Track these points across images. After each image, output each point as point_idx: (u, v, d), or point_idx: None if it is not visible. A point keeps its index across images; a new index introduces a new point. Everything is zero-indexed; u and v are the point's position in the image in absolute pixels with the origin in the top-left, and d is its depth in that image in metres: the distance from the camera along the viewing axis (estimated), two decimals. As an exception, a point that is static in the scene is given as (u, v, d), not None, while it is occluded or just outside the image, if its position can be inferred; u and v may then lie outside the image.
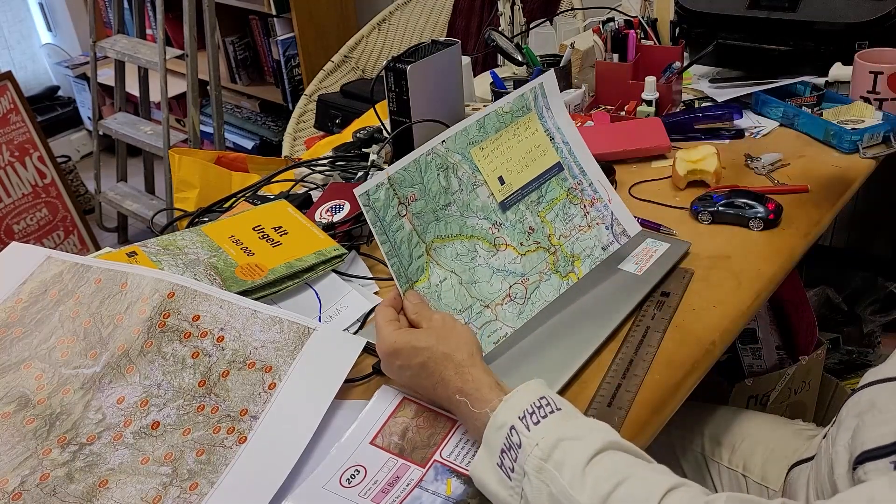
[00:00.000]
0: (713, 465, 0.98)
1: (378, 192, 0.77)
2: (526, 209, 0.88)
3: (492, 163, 0.87)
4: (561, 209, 0.90)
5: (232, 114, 3.13)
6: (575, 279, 0.87)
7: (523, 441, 0.61)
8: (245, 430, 0.72)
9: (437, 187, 0.82)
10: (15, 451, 0.70)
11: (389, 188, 0.78)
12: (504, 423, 0.63)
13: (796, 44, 1.35)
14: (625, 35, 1.39)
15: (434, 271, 0.80)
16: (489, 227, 0.84)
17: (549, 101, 0.90)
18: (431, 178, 0.82)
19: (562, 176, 0.91)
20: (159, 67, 2.37)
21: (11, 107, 2.61)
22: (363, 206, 0.77)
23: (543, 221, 0.88)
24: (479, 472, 0.64)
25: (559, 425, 0.62)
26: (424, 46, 1.25)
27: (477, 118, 0.86)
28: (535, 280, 0.84)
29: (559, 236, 0.88)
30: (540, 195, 0.89)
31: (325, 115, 1.97)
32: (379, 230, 0.77)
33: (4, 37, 3.46)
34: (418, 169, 0.81)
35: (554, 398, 0.65)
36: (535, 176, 0.89)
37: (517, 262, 0.85)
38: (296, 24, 2.69)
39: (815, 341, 1.28)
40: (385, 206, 0.78)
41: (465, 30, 2.24)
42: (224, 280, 0.88)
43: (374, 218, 0.77)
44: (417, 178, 0.81)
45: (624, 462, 0.61)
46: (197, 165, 1.33)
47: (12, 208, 2.64)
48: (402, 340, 0.72)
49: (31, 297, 0.83)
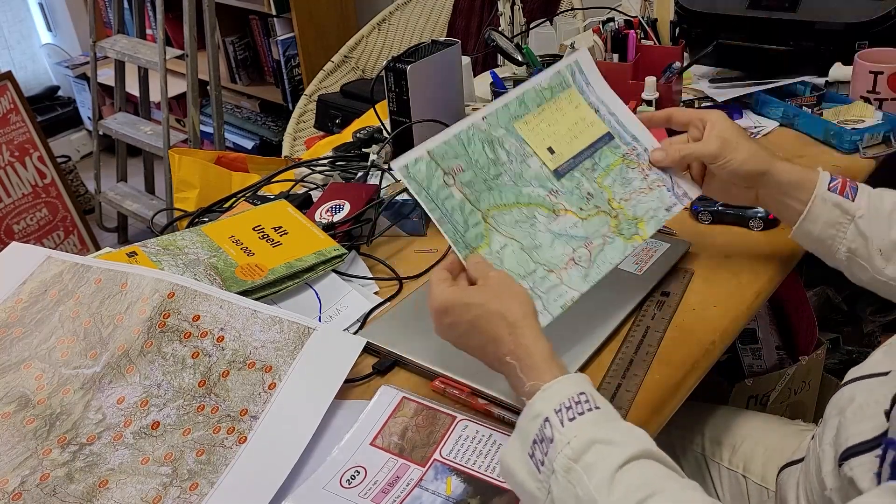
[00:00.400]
0: (713, 465, 0.98)
1: (418, 164, 0.76)
2: (581, 176, 0.85)
3: (538, 135, 0.85)
4: (618, 174, 0.87)
5: (232, 114, 3.13)
6: (640, 241, 0.84)
7: (556, 437, 0.59)
8: (245, 430, 0.72)
9: (484, 159, 0.80)
10: (15, 452, 0.70)
11: (431, 161, 0.77)
12: (539, 414, 0.61)
13: (796, 44, 1.35)
14: (625, 35, 1.39)
15: (494, 238, 0.77)
16: (546, 195, 0.82)
17: (587, 77, 0.90)
18: (477, 151, 0.80)
19: (614, 143, 0.89)
20: (159, 67, 2.37)
21: (11, 107, 2.61)
22: (403, 177, 0.75)
23: (601, 187, 0.86)
24: (509, 459, 0.62)
25: (594, 426, 0.60)
26: (424, 46, 1.25)
27: (515, 94, 0.85)
28: (598, 243, 0.82)
29: (619, 199, 0.86)
30: (594, 163, 0.87)
31: (325, 115, 1.97)
32: (425, 198, 0.75)
33: (4, 37, 3.46)
34: (460, 143, 0.80)
35: (594, 395, 0.62)
36: (586, 146, 0.87)
37: (578, 227, 0.82)
38: (296, 24, 2.69)
39: (815, 341, 1.28)
40: (429, 178, 0.76)
41: (465, 30, 2.24)
42: (224, 280, 0.88)
43: (418, 188, 0.75)
44: (461, 151, 0.79)
45: (655, 474, 0.58)
46: (197, 165, 1.33)
47: (12, 208, 2.64)
48: (453, 296, 0.69)
49: (31, 298, 0.83)
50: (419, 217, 1.07)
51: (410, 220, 1.07)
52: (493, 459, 0.68)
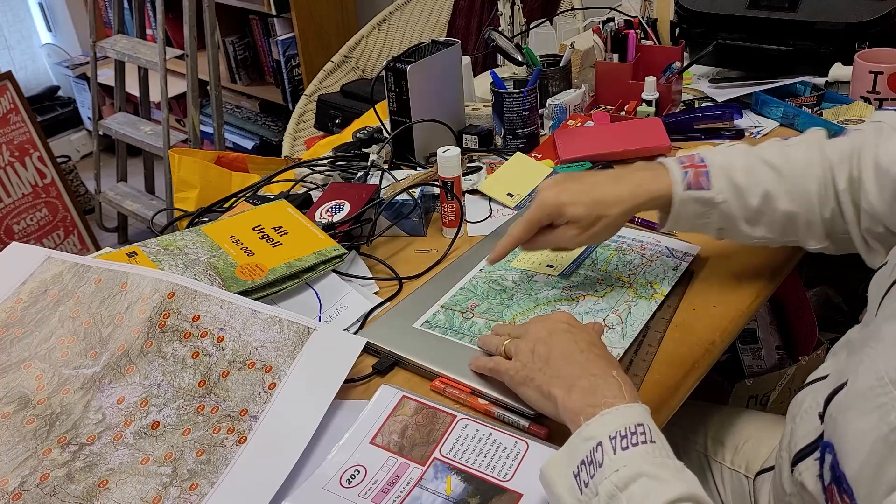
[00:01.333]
0: (715, 465, 0.98)
1: (437, 316, 0.88)
2: (586, 271, 0.94)
3: (535, 259, 0.97)
4: (618, 260, 0.95)
5: (232, 114, 3.13)
6: (661, 297, 0.88)
7: (605, 462, 0.59)
8: (245, 430, 0.72)
9: (493, 292, 0.91)
10: (15, 452, 0.70)
11: (447, 310, 0.89)
12: (592, 437, 0.61)
13: (796, 44, 1.35)
14: (625, 35, 1.39)
15: None
16: (561, 291, 0.91)
17: None
18: (484, 289, 0.92)
19: (603, 244, 0.99)
20: (159, 67, 2.37)
21: (11, 107, 2.61)
22: (427, 329, 0.86)
23: (607, 272, 0.93)
24: (551, 472, 0.62)
25: (646, 459, 0.59)
26: (424, 46, 1.25)
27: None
28: (624, 308, 0.87)
29: (628, 275, 0.92)
30: (593, 261, 0.96)
31: (325, 115, 1.98)
32: (452, 335, 0.85)
33: (4, 37, 3.46)
34: (467, 290, 0.92)
35: (652, 429, 0.61)
36: (580, 252, 0.97)
37: (601, 303, 0.88)
38: (296, 24, 2.69)
39: (815, 341, 1.28)
40: (449, 321, 0.87)
41: (465, 30, 2.24)
42: (224, 280, 0.88)
43: (444, 330, 0.85)
44: (471, 294, 0.91)
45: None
46: (197, 165, 1.33)
47: (12, 208, 2.64)
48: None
49: (31, 298, 0.83)
50: (419, 217, 1.07)
51: (410, 220, 1.07)
52: (493, 458, 0.68)
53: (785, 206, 0.83)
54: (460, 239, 1.06)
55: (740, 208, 0.84)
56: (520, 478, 0.66)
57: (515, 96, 1.25)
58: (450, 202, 1.05)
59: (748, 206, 0.84)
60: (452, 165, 1.03)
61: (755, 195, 0.83)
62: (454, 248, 1.04)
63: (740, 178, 0.83)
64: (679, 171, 0.84)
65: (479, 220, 1.11)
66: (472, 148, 1.30)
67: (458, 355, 0.81)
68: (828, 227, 0.84)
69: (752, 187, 0.83)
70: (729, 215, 0.85)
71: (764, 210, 0.84)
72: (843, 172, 0.81)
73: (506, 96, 1.25)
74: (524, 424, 0.73)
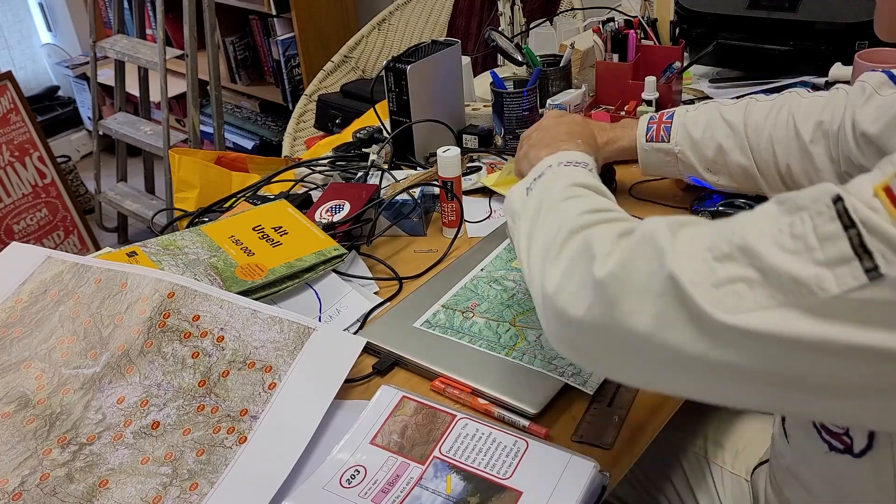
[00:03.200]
0: (715, 468, 0.98)
1: (437, 315, 0.88)
2: None
3: None
4: None
5: (232, 114, 3.13)
6: None
7: (546, 171, 0.73)
8: (245, 430, 0.72)
9: (494, 292, 0.92)
10: (15, 451, 0.70)
11: (447, 310, 0.89)
12: (545, 163, 0.75)
13: (796, 44, 1.35)
14: (625, 35, 1.39)
15: (529, 333, 0.84)
16: None
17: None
18: (485, 289, 0.92)
19: None
20: (159, 67, 2.37)
21: (11, 107, 2.61)
22: (428, 329, 0.86)
23: None
24: (512, 194, 0.74)
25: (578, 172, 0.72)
26: (424, 46, 1.25)
27: (504, 245, 1.00)
28: None
29: None
30: None
31: (325, 115, 1.98)
32: (453, 334, 0.85)
33: (4, 37, 3.46)
34: (468, 289, 0.92)
35: (593, 168, 0.75)
36: None
37: None
38: (296, 24, 2.69)
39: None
40: (449, 320, 0.87)
41: (465, 30, 2.24)
42: (224, 280, 0.88)
43: (444, 330, 0.86)
44: (472, 294, 0.92)
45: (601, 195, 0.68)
46: (197, 165, 1.33)
47: (12, 208, 2.64)
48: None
49: (31, 298, 0.83)
50: (419, 217, 1.07)
51: (410, 220, 1.07)
52: (493, 457, 0.68)
53: (737, 158, 0.95)
54: (460, 239, 1.06)
55: (698, 159, 0.98)
56: (519, 476, 0.66)
57: (515, 96, 1.25)
58: (450, 202, 1.05)
59: (705, 157, 0.98)
60: (452, 165, 1.03)
61: (710, 148, 0.97)
62: (454, 248, 1.04)
63: (697, 132, 0.97)
64: (644, 126, 1.02)
65: (478, 220, 1.11)
66: (472, 148, 1.30)
67: (458, 355, 0.81)
68: (788, 178, 0.93)
69: (707, 141, 0.97)
70: (689, 164, 0.99)
71: (719, 161, 0.97)
72: (809, 127, 0.90)
73: (506, 96, 1.25)
74: (524, 424, 0.73)
